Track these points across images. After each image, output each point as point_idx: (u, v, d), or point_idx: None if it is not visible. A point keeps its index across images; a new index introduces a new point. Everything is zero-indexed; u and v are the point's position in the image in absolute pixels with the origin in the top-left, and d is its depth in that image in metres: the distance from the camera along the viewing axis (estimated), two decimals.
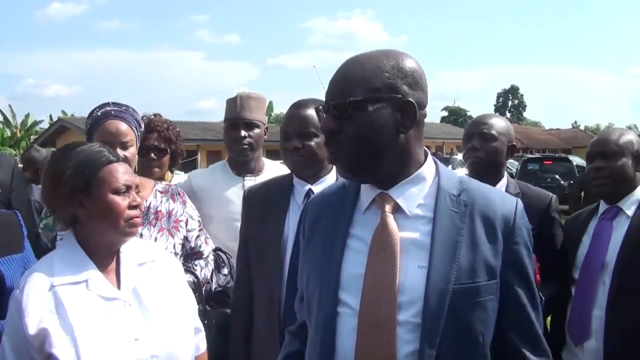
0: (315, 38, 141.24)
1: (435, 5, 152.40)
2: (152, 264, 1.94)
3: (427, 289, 1.41)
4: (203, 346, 2.13)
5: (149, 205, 2.57)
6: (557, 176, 17.55)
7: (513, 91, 79.40)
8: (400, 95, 1.46)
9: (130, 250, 1.92)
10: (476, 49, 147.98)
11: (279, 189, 2.47)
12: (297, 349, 1.68)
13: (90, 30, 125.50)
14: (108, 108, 2.51)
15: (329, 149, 1.53)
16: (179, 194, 2.70)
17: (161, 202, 2.61)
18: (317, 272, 1.56)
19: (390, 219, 1.49)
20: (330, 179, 2.43)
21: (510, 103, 79.41)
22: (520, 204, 1.56)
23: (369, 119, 1.44)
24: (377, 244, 1.48)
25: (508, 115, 75.75)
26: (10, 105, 35.73)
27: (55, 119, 31.07)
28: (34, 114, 36.54)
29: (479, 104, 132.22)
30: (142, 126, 2.61)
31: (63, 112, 35.56)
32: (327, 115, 1.50)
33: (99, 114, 2.50)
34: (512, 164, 21.55)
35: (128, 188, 1.85)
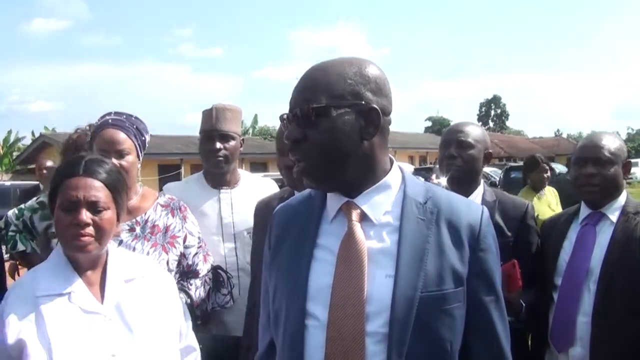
0: (300, 50, 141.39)
1: (418, 17, 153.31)
2: (141, 280, 1.93)
3: (394, 298, 1.40)
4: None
5: (147, 218, 2.53)
6: None
7: (495, 101, 79.94)
8: (363, 102, 1.45)
9: (118, 265, 1.91)
10: (459, 59, 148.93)
11: (281, 201, 2.47)
12: None
13: (73, 45, 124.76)
14: (107, 117, 2.54)
15: (293, 157, 1.51)
16: (180, 208, 2.66)
17: (160, 216, 2.57)
18: (283, 284, 1.54)
19: (357, 227, 1.48)
20: None
21: (493, 112, 79.89)
22: (486, 211, 1.55)
23: (332, 125, 1.44)
24: (344, 253, 1.46)
25: (491, 124, 76.31)
26: None
27: (37, 135, 30.77)
28: (18, 131, 36.16)
29: (462, 114, 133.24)
30: (145, 134, 2.60)
31: (45, 127, 35.32)
32: (291, 124, 1.49)
33: (99, 123, 2.54)
34: (496, 172, 21.68)
35: (74, 204, 1.80)
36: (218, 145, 2.96)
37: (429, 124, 74.58)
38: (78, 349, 1.71)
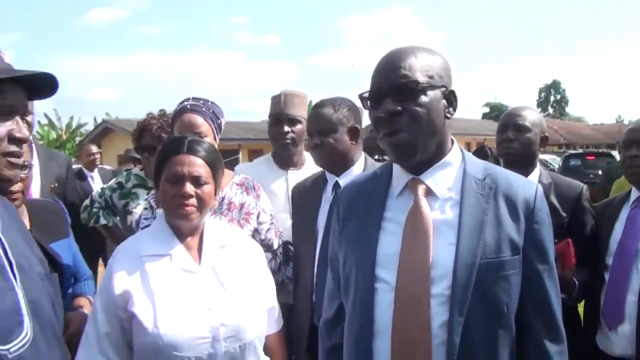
0: (353, 36, 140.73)
1: (474, 0, 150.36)
2: (234, 247, 2.15)
3: (456, 264, 1.56)
4: (278, 325, 2.31)
5: (224, 196, 2.72)
6: (599, 172, 17.22)
7: (555, 85, 77.77)
8: (446, 86, 1.63)
9: (213, 232, 2.13)
10: (517, 43, 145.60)
11: (314, 183, 2.70)
12: (339, 342, 1.81)
13: (130, 34, 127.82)
14: (186, 103, 2.75)
15: (387, 129, 1.62)
16: (254, 187, 2.83)
17: (236, 193, 2.76)
18: (353, 253, 1.72)
19: (423, 201, 1.65)
20: (356, 170, 2.61)
21: (552, 98, 77.80)
22: (540, 188, 1.70)
23: (429, 101, 1.59)
24: (411, 224, 1.64)
25: (550, 110, 74.31)
26: (55, 109, 36.59)
27: (99, 121, 31.69)
28: (80, 117, 37.37)
29: (521, 100, 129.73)
30: (221, 118, 2.80)
31: (107, 114, 36.32)
32: (385, 99, 1.61)
33: (179, 108, 2.75)
34: (554, 160, 21.29)
35: (179, 178, 2.03)
36: (286, 128, 3.14)
37: (487, 109, 73.08)
38: (178, 302, 1.94)
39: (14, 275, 1.40)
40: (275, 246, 2.86)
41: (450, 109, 1.65)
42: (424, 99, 1.58)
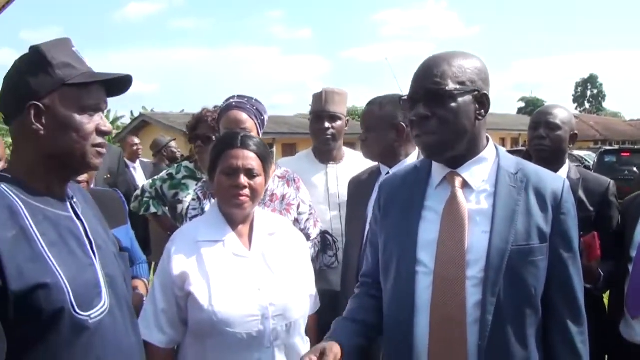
0: (388, 30, 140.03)
1: None
2: (281, 235, 2.33)
3: (489, 249, 1.72)
4: (315, 308, 2.47)
5: (267, 187, 2.85)
6: (634, 169, 16.98)
7: (592, 80, 76.35)
8: (478, 90, 1.77)
9: (263, 221, 2.32)
10: (553, 37, 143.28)
11: (370, 175, 2.88)
12: (376, 294, 2.00)
13: (166, 28, 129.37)
14: (231, 100, 2.94)
15: (418, 131, 1.81)
16: (294, 180, 3.00)
17: (277, 186, 2.93)
18: (395, 238, 1.88)
19: (460, 192, 1.81)
20: (411, 159, 2.75)
21: (589, 93, 76.46)
22: (567, 182, 1.84)
23: (458, 106, 1.75)
24: (448, 213, 1.80)
25: (587, 105, 73.04)
26: None
27: (136, 114, 32.24)
28: (117, 110, 38.09)
29: (557, 95, 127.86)
30: (264, 114, 2.99)
31: (144, 107, 36.95)
32: (418, 103, 1.79)
33: (224, 105, 2.95)
34: (590, 156, 21.05)
35: (234, 171, 2.21)
36: (326, 124, 3.31)
37: (523, 104, 72.12)
38: (231, 284, 2.13)
39: (93, 252, 1.59)
40: (314, 235, 3.01)
41: (482, 111, 1.79)
42: (452, 104, 1.74)
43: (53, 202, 1.55)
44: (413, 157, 2.78)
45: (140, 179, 6.90)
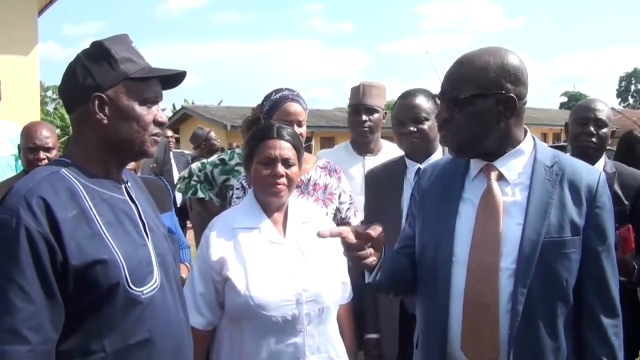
0: (430, 22, 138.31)
1: None
2: (314, 223, 2.40)
3: (522, 241, 1.76)
4: (349, 297, 2.53)
5: (310, 177, 2.98)
6: None
7: (636, 74, 73.92)
8: (503, 91, 1.78)
9: (296, 210, 2.41)
10: (597, 30, 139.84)
11: (395, 169, 2.90)
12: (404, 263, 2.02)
13: (208, 22, 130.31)
14: (285, 92, 3.01)
15: (441, 132, 1.90)
16: (336, 170, 3.08)
17: (320, 176, 3.02)
18: (433, 226, 1.94)
19: (495, 185, 1.85)
20: (436, 156, 2.80)
21: (633, 87, 74.45)
22: (603, 175, 1.86)
23: (475, 111, 1.79)
24: (484, 205, 1.84)
25: (631, 100, 70.88)
26: None
27: (177, 107, 32.66)
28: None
29: (600, 89, 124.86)
30: (307, 108, 3.05)
31: (185, 100, 37.35)
32: (442, 104, 1.86)
33: (277, 97, 3.00)
34: None
35: (272, 160, 2.30)
36: (364, 117, 3.37)
37: (565, 99, 70.45)
38: (267, 269, 2.22)
39: (146, 233, 1.71)
40: (354, 224, 3.06)
41: (507, 112, 1.79)
42: (470, 109, 1.78)
43: (110, 186, 1.67)
44: (439, 152, 2.83)
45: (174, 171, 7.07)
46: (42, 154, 3.15)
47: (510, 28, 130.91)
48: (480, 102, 1.77)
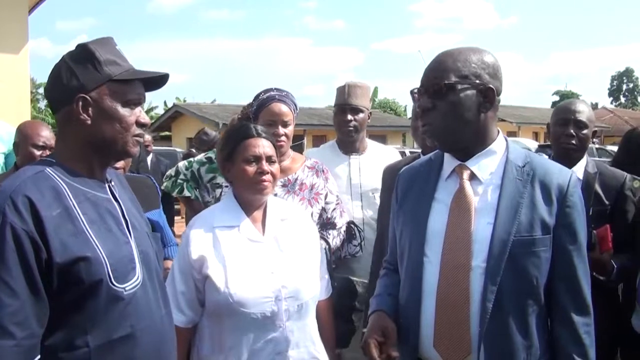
0: (423, 21, 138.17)
1: None
2: (292, 220, 2.46)
3: (492, 240, 1.81)
4: (327, 293, 2.59)
5: (297, 177, 3.04)
6: None
7: (628, 73, 74.22)
8: (483, 83, 1.85)
9: (275, 207, 2.45)
10: (590, 29, 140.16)
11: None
12: (397, 280, 2.10)
13: (200, 19, 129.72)
14: (272, 93, 3.04)
15: (422, 122, 1.93)
16: (323, 170, 3.13)
17: (307, 176, 3.07)
18: (408, 227, 2.00)
19: (467, 184, 1.90)
20: None
21: (625, 86, 74.64)
22: (575, 176, 1.91)
23: (458, 98, 1.84)
24: (456, 205, 1.89)
25: (622, 99, 71.38)
26: None
27: (169, 105, 32.55)
28: (151, 100, 38.51)
29: (592, 88, 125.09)
30: (297, 108, 3.09)
31: (177, 98, 37.20)
32: (423, 96, 1.90)
33: (265, 97, 3.03)
34: None
35: (257, 158, 2.35)
36: (349, 117, 3.43)
37: (557, 98, 70.58)
38: (245, 267, 2.26)
39: (129, 231, 1.76)
40: (339, 225, 3.14)
41: (487, 104, 1.86)
42: (453, 97, 1.83)
43: (93, 185, 1.72)
44: None
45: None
46: (48, 152, 3.20)
47: (503, 27, 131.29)
48: (462, 91, 1.83)
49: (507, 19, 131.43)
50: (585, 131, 2.93)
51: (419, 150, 3.11)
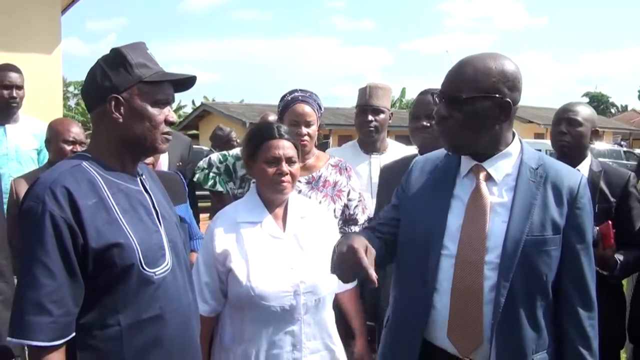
0: (452, 21, 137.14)
1: None
2: (312, 218, 2.55)
3: (506, 237, 1.88)
4: (352, 284, 2.62)
5: (320, 174, 3.12)
6: None
7: None
8: (501, 96, 1.89)
9: (297, 205, 2.54)
10: (621, 30, 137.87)
11: (408, 163, 3.02)
12: (380, 236, 2.12)
13: (229, 20, 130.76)
14: (296, 94, 3.13)
15: (438, 129, 2.00)
16: (346, 169, 3.19)
17: (330, 173, 3.13)
18: (423, 219, 2.02)
19: (483, 185, 1.96)
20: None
21: None
22: (585, 178, 1.98)
23: (474, 112, 1.89)
24: (472, 203, 1.96)
25: None
26: None
27: (197, 104, 32.87)
28: (180, 100, 39.00)
29: (623, 90, 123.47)
30: (322, 109, 3.17)
31: (205, 97, 37.48)
32: (441, 102, 1.96)
33: (289, 98, 3.13)
34: None
35: (277, 159, 2.43)
36: (370, 117, 3.52)
37: (586, 100, 69.43)
38: (267, 262, 2.36)
39: (159, 220, 1.89)
40: (361, 221, 3.19)
41: (503, 116, 1.90)
42: (469, 109, 1.88)
43: (126, 178, 1.85)
44: None
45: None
46: (78, 147, 3.37)
47: (533, 27, 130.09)
48: (479, 104, 1.87)
49: (537, 19, 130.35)
50: (578, 129, 3.04)
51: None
